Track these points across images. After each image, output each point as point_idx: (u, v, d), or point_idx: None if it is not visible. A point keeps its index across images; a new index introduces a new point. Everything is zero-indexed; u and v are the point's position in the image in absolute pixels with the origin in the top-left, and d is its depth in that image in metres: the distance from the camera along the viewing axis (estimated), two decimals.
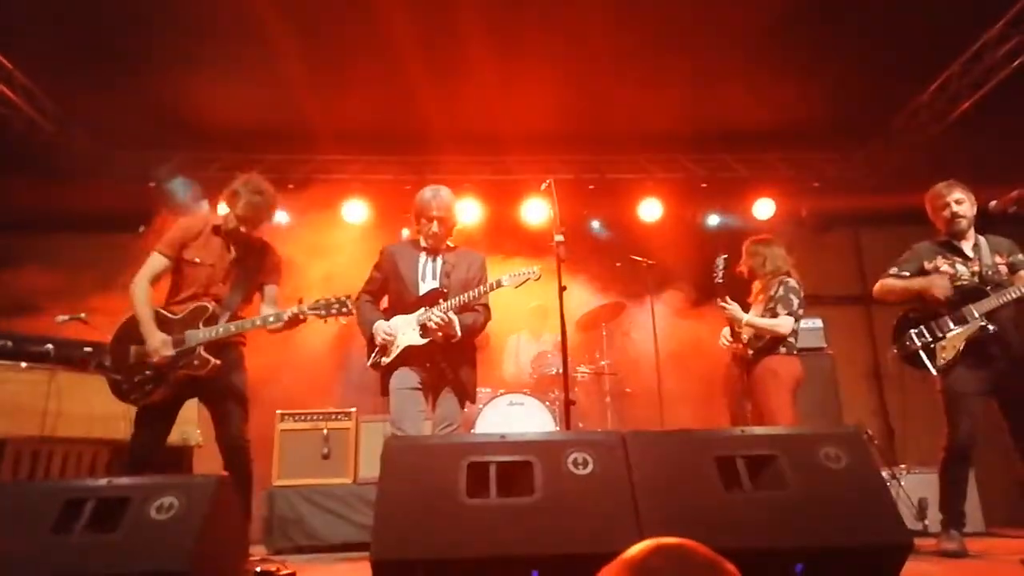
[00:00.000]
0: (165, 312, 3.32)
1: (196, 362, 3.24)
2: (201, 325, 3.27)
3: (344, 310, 3.33)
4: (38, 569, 2.08)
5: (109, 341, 3.30)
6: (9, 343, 3.92)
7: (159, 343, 3.22)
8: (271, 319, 3.36)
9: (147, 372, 3.20)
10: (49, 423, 3.88)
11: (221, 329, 3.28)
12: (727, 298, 4.08)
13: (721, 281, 4.06)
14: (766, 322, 4.03)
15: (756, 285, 4.27)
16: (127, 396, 3.20)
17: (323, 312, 3.33)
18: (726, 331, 4.21)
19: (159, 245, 3.41)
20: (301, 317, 3.35)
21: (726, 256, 4.06)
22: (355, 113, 5.80)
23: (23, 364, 3.89)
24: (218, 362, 3.30)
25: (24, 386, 3.84)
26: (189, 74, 5.19)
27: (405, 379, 3.55)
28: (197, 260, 3.39)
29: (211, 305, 3.34)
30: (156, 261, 3.36)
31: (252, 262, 3.49)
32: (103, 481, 2.32)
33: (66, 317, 4.16)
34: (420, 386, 3.56)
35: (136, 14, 4.52)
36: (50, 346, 4.04)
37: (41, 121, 5.34)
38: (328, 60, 5.11)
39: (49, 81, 5.13)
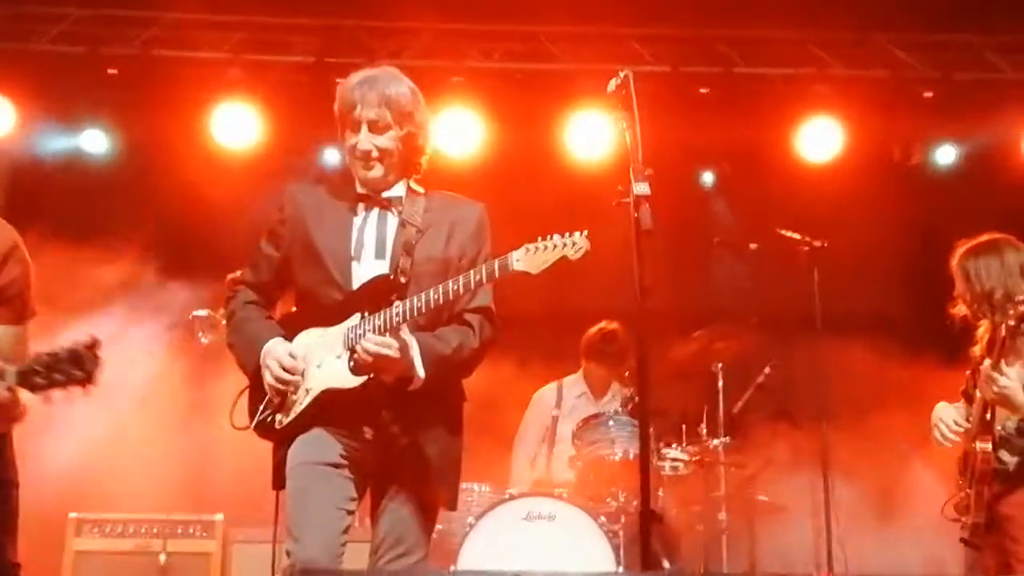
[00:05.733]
0: None
1: None
2: None
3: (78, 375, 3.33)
4: None
5: None
6: None
7: None
8: None
9: None
10: None
11: None
12: (1003, 361, 4.14)
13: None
14: None
15: (985, 328, 4.41)
16: None
17: (43, 381, 3.32)
18: (948, 413, 4.39)
19: None
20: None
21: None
22: None
23: None
24: None
25: None
26: None
27: (317, 448, 3.64)
28: None
29: None
30: None
31: None
32: None
33: None
34: (345, 462, 3.65)
35: None
36: None
37: None
38: None
39: None
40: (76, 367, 3.24)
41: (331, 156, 7.43)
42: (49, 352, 3.29)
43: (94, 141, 7.36)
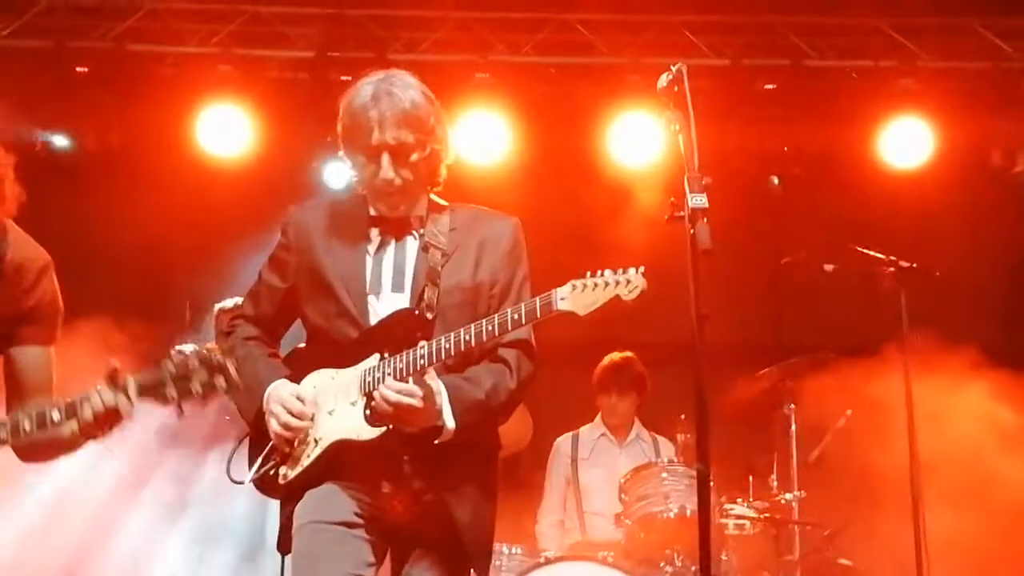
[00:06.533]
0: None
1: None
2: None
3: (218, 383, 3.34)
4: None
5: None
6: None
7: None
8: (54, 415, 3.47)
9: None
10: None
11: None
12: None
13: None
14: None
15: None
16: None
17: (174, 391, 3.34)
18: None
19: None
20: (119, 411, 3.46)
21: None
22: None
23: None
24: None
25: None
26: None
27: (328, 506, 3.65)
28: None
29: None
30: None
31: None
32: None
33: None
34: (361, 521, 3.67)
35: None
36: None
37: None
38: None
39: None
40: (210, 373, 3.28)
41: (334, 171, 7.52)
42: (175, 357, 3.38)
43: (59, 149, 7.45)
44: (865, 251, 5.98)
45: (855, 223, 6.78)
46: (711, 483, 3.57)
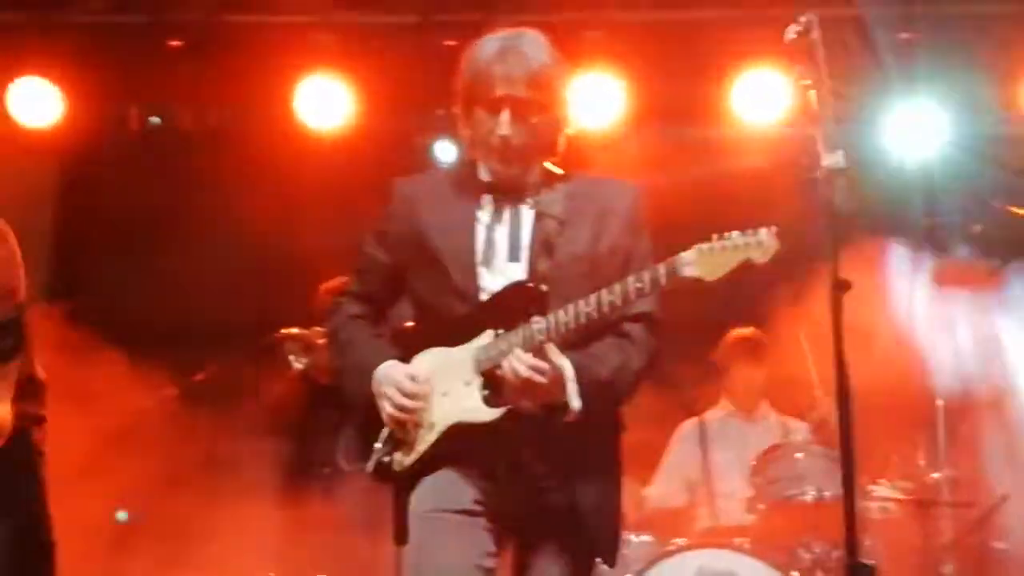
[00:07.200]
0: None
1: None
2: None
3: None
4: None
5: None
6: None
7: None
8: None
9: None
10: None
11: None
12: None
13: None
14: None
15: None
16: None
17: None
18: None
19: None
20: None
21: None
22: None
23: None
24: None
25: None
26: None
27: (447, 493, 3.63)
28: None
29: None
30: None
31: None
32: None
33: None
34: (481, 509, 3.62)
35: None
36: None
37: None
38: None
39: None
40: None
41: (444, 147, 7.58)
42: None
43: (155, 128, 7.55)
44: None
45: None
46: (854, 462, 3.45)
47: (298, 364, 6.31)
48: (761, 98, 6.90)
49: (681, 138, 7.13)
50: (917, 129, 7.01)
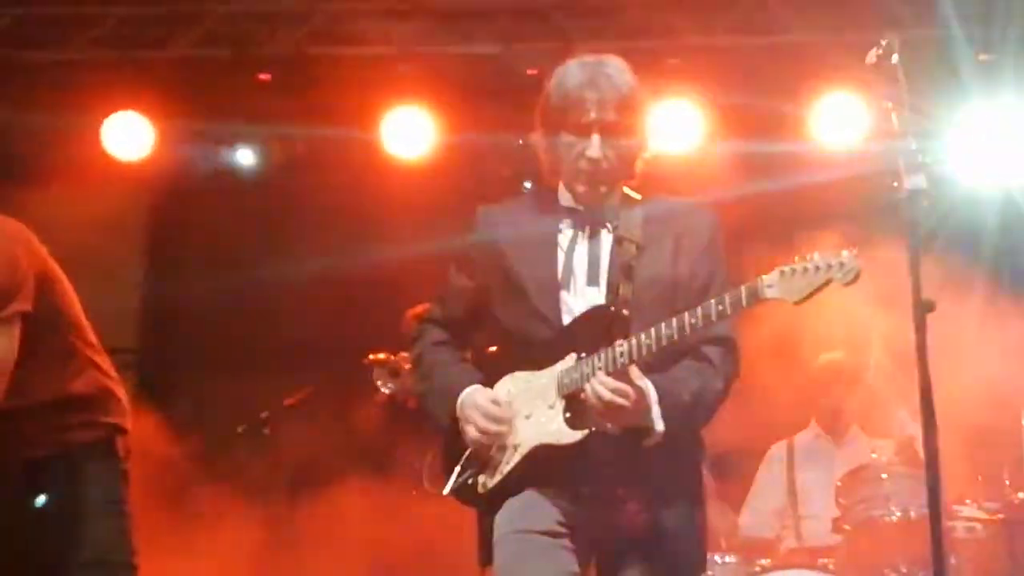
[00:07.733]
0: None
1: None
2: None
3: None
4: None
5: None
6: None
7: None
8: None
9: None
10: None
11: None
12: None
13: None
14: None
15: None
16: None
17: None
18: None
19: None
20: None
21: None
22: None
23: None
24: None
25: None
26: None
27: (531, 514, 3.64)
28: None
29: None
30: None
31: None
32: None
33: None
34: (565, 530, 3.63)
35: None
36: None
37: None
38: None
39: None
40: None
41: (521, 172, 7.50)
42: None
43: (244, 158, 7.68)
44: None
45: None
46: (941, 482, 3.33)
47: (385, 389, 6.39)
48: (841, 120, 6.86)
49: (759, 159, 7.07)
50: (997, 150, 6.94)
